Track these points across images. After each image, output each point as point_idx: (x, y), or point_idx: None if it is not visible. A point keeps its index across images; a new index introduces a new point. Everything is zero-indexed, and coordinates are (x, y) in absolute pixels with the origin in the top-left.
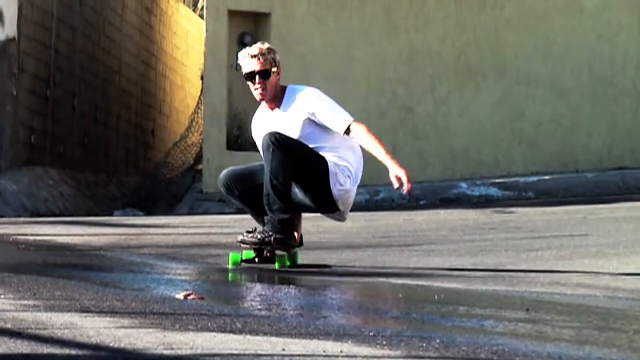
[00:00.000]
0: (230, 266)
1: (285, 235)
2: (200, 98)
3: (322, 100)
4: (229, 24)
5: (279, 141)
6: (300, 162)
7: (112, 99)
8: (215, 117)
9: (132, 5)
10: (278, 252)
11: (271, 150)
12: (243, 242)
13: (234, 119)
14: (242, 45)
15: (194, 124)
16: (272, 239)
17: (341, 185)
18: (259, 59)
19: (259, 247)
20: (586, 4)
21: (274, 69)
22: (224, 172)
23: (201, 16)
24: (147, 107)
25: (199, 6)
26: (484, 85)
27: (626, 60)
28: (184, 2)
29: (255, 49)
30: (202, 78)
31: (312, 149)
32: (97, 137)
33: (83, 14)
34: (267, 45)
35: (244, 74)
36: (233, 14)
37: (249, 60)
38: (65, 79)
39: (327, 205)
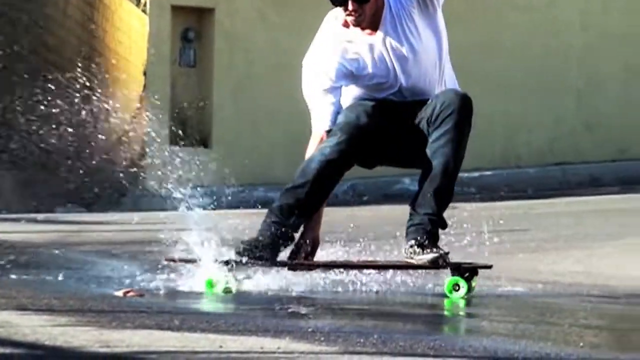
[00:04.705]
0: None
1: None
2: (142, 93)
3: None
4: (172, 19)
5: (471, 110)
6: None
7: (54, 94)
8: (157, 112)
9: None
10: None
11: (466, 123)
12: (440, 260)
13: (176, 114)
14: (185, 40)
15: (137, 119)
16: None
17: None
18: None
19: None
20: (534, 1)
21: None
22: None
23: (144, 11)
24: (88, 104)
25: (142, 1)
26: None
27: (568, 57)
28: None
29: None
30: (144, 73)
31: None
32: (38, 132)
33: (24, 8)
34: None
35: None
36: (176, 9)
37: None
38: (5, 74)
39: None
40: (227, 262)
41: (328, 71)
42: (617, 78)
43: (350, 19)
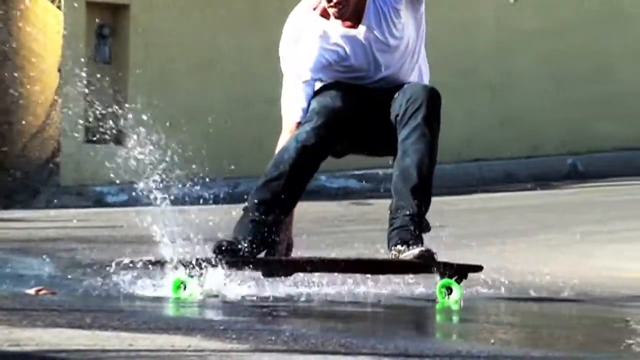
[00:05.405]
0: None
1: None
2: (57, 90)
3: None
4: (86, 16)
5: (439, 104)
6: None
7: None
8: (72, 109)
9: None
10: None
11: (434, 117)
12: (422, 257)
13: (92, 111)
14: (100, 36)
15: (51, 116)
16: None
17: None
18: None
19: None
20: None
21: None
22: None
23: (59, 7)
24: (2, 101)
25: None
26: None
27: (483, 53)
28: None
29: None
30: (59, 70)
31: None
32: None
33: None
34: None
35: None
36: (91, 5)
37: None
38: None
39: None
40: (201, 264)
41: (307, 63)
42: (530, 74)
43: (332, 10)
